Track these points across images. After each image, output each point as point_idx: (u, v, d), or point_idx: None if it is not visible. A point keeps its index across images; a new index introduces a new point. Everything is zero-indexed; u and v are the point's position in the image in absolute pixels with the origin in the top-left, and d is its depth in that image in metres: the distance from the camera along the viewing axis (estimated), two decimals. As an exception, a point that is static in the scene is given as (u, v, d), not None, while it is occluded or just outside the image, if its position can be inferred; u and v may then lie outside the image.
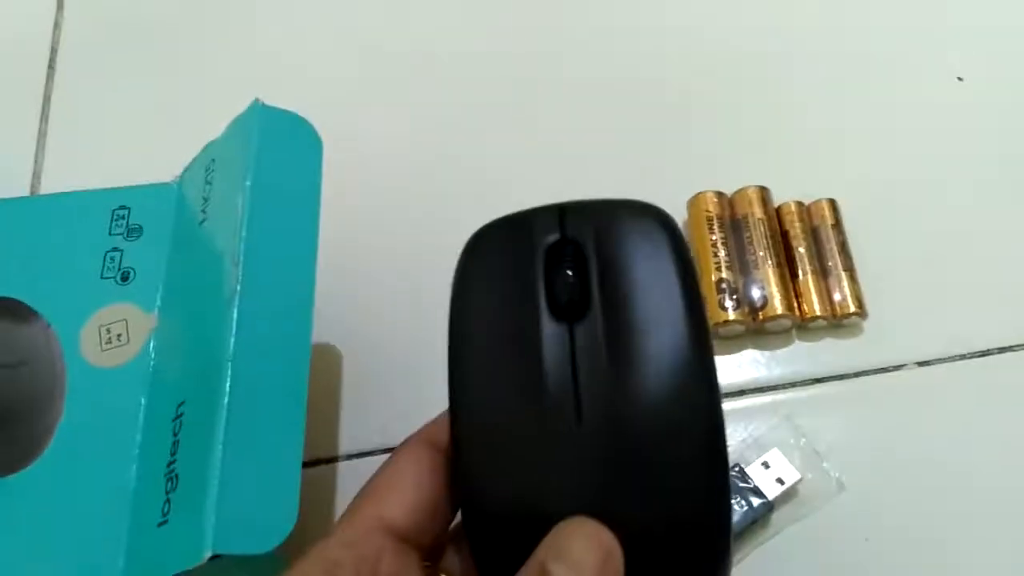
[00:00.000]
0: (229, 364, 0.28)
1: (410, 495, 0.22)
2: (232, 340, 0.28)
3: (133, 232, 0.34)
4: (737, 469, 0.35)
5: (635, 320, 0.22)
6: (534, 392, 0.21)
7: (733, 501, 0.35)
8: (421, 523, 0.22)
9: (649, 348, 0.21)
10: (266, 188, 0.31)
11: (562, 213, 0.24)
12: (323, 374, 0.39)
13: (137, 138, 0.45)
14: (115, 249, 0.33)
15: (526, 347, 0.22)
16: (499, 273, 0.23)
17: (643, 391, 0.21)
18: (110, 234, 0.34)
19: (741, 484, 0.35)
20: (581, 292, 0.22)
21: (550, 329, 0.22)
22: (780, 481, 0.35)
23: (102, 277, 0.33)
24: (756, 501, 0.35)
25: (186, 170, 0.34)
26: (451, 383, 0.23)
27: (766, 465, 0.36)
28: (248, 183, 0.30)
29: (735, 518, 0.35)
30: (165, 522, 0.27)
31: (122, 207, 0.34)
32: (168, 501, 0.28)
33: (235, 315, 0.28)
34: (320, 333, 0.39)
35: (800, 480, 0.35)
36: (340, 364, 0.40)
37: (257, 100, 0.32)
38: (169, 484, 0.28)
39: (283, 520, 0.26)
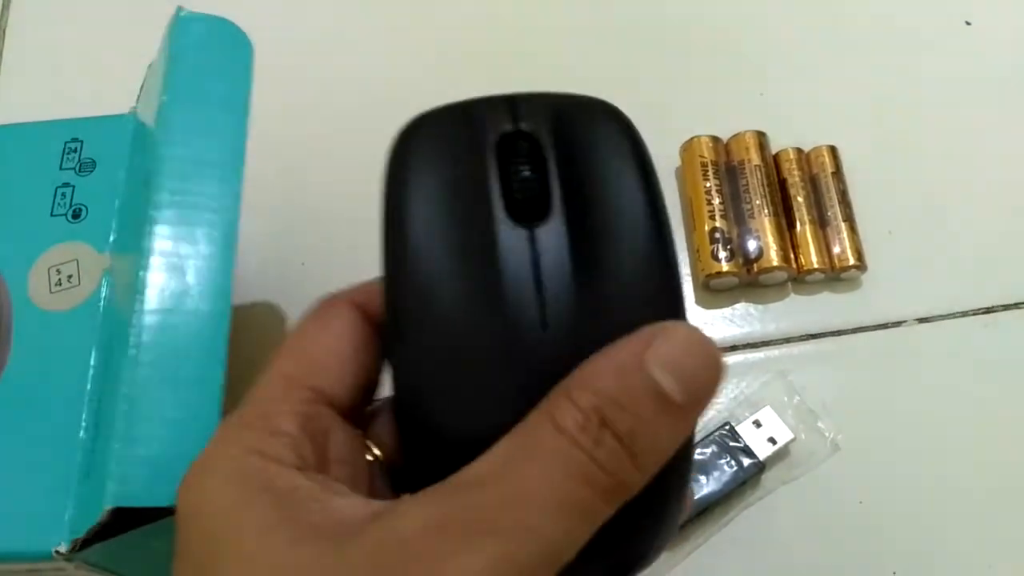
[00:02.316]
0: (136, 299, 0.26)
1: (349, 367, 0.20)
2: (141, 273, 0.26)
3: (85, 166, 0.31)
4: (727, 427, 0.34)
5: (601, 224, 0.20)
6: (492, 299, 0.19)
7: (722, 461, 0.33)
8: (357, 400, 0.21)
9: (616, 254, 0.19)
10: (184, 101, 0.28)
11: (512, 103, 0.21)
12: (266, 336, 0.36)
13: (98, 69, 0.43)
14: (66, 184, 0.31)
15: (481, 251, 0.19)
16: (443, 166, 0.20)
17: (613, 299, 0.19)
18: (61, 168, 0.31)
19: (731, 443, 0.34)
20: (540, 190, 0.20)
21: (508, 231, 0.19)
22: (772, 441, 0.34)
23: (52, 214, 0.31)
24: (746, 461, 0.33)
25: (138, 99, 0.32)
26: (391, 291, 0.20)
27: (757, 424, 0.34)
28: (164, 98, 0.28)
29: (724, 479, 0.33)
30: (88, 474, 0.26)
31: (74, 139, 0.32)
32: (92, 451, 0.26)
33: (147, 245, 0.26)
34: (260, 291, 0.37)
35: (793, 440, 0.34)
36: (283, 327, 0.37)
37: (179, 8, 0.30)
38: (95, 432, 0.26)
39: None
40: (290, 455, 0.18)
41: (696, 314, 0.37)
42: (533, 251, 0.19)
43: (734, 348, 0.37)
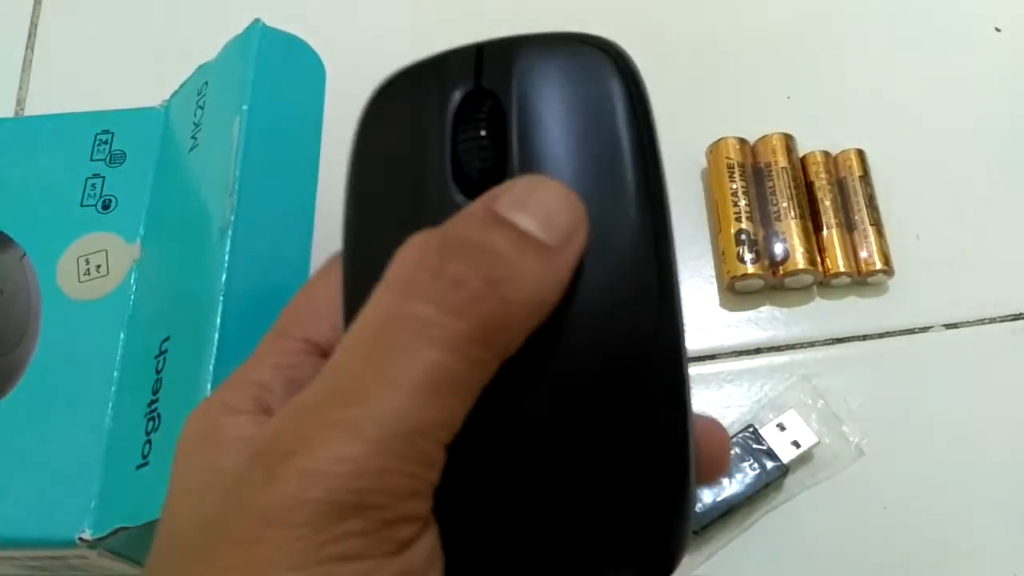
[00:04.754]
0: (220, 299, 0.26)
1: (337, 317, 0.20)
2: (224, 274, 0.26)
3: (116, 158, 0.32)
4: (751, 430, 0.34)
5: None
6: None
7: (745, 463, 0.33)
8: None
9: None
10: (264, 115, 0.29)
11: (479, 55, 0.19)
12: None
13: (126, 65, 0.43)
14: (96, 175, 0.31)
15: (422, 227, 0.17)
16: (400, 136, 0.19)
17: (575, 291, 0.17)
18: (92, 159, 0.32)
19: (755, 446, 0.33)
20: (496, 159, 0.18)
21: (456, 208, 0.17)
22: (796, 444, 0.33)
23: (82, 205, 0.31)
24: (769, 464, 0.33)
25: (175, 94, 0.32)
26: (344, 274, 0.19)
27: (781, 427, 0.34)
28: (245, 107, 0.28)
29: (747, 481, 0.33)
30: (145, 464, 0.26)
31: (105, 131, 0.32)
32: (149, 442, 0.26)
33: (228, 248, 0.27)
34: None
35: (817, 444, 0.34)
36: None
37: (258, 20, 0.30)
38: (151, 424, 0.26)
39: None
40: (248, 403, 0.18)
41: (720, 316, 0.37)
42: None
43: (758, 351, 0.36)
